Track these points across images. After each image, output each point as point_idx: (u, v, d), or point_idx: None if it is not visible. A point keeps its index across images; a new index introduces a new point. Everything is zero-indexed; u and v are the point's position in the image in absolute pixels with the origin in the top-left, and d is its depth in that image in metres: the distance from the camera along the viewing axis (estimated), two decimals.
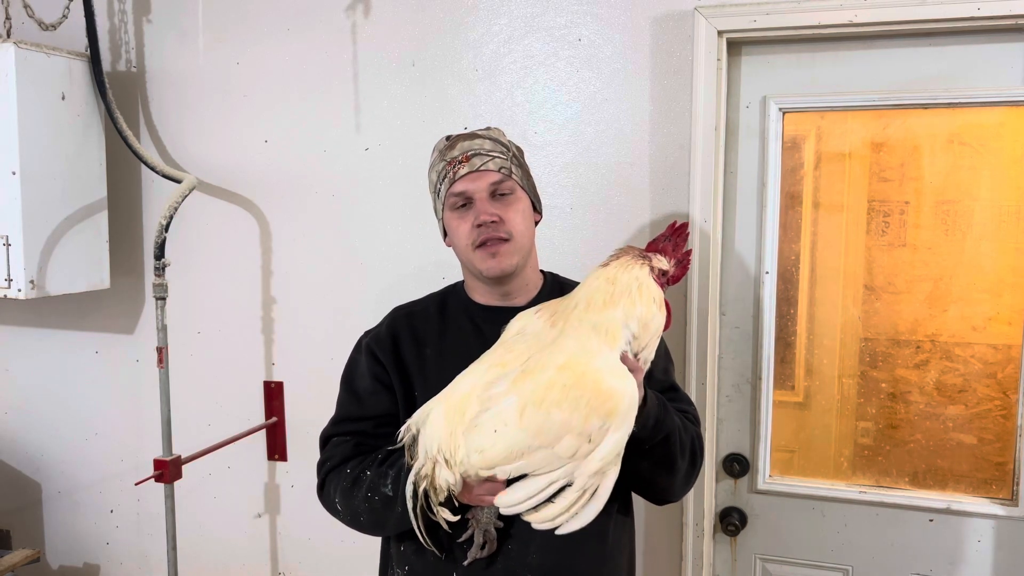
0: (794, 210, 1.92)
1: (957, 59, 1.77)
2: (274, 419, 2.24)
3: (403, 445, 1.30)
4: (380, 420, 1.42)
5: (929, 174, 1.84)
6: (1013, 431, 1.82)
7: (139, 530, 2.43)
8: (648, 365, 1.24)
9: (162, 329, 2.03)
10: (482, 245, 1.36)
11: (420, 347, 1.44)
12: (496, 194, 1.38)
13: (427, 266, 2.06)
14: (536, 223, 1.47)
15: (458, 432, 1.20)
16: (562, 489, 1.16)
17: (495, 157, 1.38)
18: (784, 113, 1.87)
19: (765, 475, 1.96)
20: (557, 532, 1.16)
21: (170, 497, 2.02)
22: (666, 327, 1.23)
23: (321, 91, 2.11)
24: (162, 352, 2.03)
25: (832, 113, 1.87)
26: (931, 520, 1.88)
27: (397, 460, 1.33)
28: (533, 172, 1.96)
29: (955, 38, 1.76)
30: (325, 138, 2.12)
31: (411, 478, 1.25)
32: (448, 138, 1.44)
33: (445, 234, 1.46)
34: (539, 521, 1.17)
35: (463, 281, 1.52)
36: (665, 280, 1.24)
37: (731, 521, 1.97)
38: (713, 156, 1.84)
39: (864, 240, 1.89)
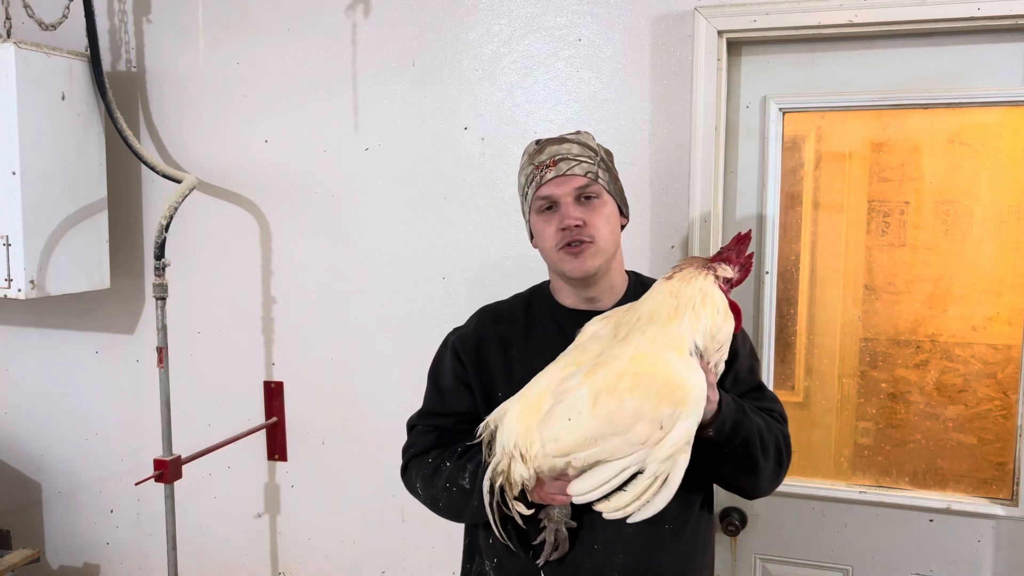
0: (794, 210, 1.92)
1: (957, 59, 1.77)
2: (274, 419, 2.24)
3: (481, 441, 1.34)
4: (460, 417, 1.48)
5: (929, 174, 1.84)
6: (1013, 431, 1.82)
7: (139, 530, 2.43)
8: (720, 371, 1.26)
9: (162, 329, 2.03)
10: (566, 246, 1.38)
11: (506, 349, 1.47)
12: (581, 198, 1.39)
13: (427, 266, 2.06)
14: (623, 227, 1.48)
15: (533, 427, 1.23)
16: (632, 478, 1.18)
17: (582, 162, 1.40)
18: (784, 113, 1.87)
19: None
20: (628, 521, 1.18)
21: (170, 497, 2.02)
22: (736, 329, 1.25)
23: (321, 91, 2.11)
24: (162, 352, 2.03)
25: (832, 113, 1.87)
26: (931, 520, 1.88)
27: (475, 455, 1.38)
28: None
29: (955, 38, 1.76)
30: (325, 138, 2.12)
31: (488, 473, 1.28)
32: (538, 142, 1.46)
33: (532, 236, 1.48)
34: (611, 510, 1.19)
35: (548, 282, 1.53)
36: (729, 287, 1.26)
37: (731, 521, 1.97)
38: (713, 156, 1.84)
39: (864, 240, 1.88)
